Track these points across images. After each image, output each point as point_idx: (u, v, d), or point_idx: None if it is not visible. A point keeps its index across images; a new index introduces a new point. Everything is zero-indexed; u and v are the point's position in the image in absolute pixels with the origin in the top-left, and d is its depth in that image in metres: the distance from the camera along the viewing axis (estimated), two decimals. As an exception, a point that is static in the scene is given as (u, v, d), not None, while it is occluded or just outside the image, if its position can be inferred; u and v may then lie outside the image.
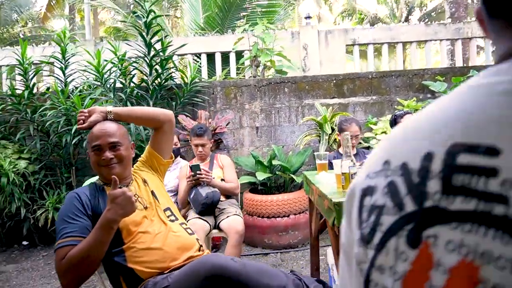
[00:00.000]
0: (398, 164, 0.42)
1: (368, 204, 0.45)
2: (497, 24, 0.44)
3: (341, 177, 1.59)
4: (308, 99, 4.32)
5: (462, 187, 0.36)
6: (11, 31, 14.70)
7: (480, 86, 0.40)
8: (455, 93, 0.43)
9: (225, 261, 1.27)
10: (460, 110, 0.40)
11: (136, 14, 3.75)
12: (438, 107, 0.44)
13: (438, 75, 4.18)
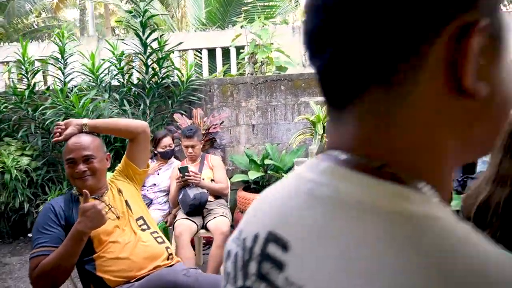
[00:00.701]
0: (243, 237, 0.46)
1: (224, 268, 0.49)
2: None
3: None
4: (305, 97, 4.32)
5: (266, 275, 0.39)
6: (25, 21, 14.95)
7: (299, 178, 0.42)
8: (289, 177, 0.46)
9: (177, 277, 1.34)
10: (280, 198, 0.43)
11: (132, 14, 3.80)
12: (279, 187, 0.47)
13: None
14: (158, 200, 3.21)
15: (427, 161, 0.36)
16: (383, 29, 0.33)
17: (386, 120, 0.35)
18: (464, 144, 0.37)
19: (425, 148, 0.35)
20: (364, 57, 0.35)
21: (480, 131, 0.37)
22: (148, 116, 4.05)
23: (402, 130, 0.35)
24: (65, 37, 3.83)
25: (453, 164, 0.39)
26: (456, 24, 0.32)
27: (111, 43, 4.01)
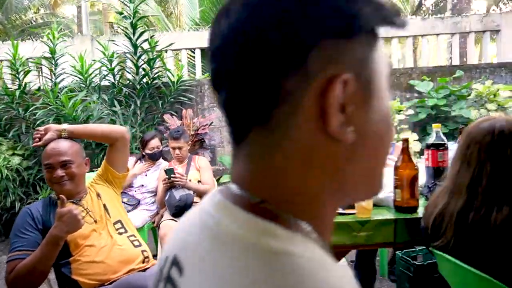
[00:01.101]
0: (162, 257, 0.50)
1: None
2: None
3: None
4: (294, 98, 4.33)
5: None
6: (24, 17, 14.93)
7: (201, 207, 0.46)
8: (198, 204, 0.50)
9: (146, 283, 1.38)
10: (188, 225, 0.46)
11: (123, 15, 3.82)
12: (191, 213, 0.50)
13: (424, 75, 4.14)
14: (146, 200, 3.24)
15: (303, 200, 0.39)
16: (258, 78, 0.36)
17: (266, 161, 0.39)
18: (340, 185, 0.40)
19: (300, 188, 0.39)
20: (245, 102, 0.38)
21: (354, 173, 0.40)
22: (138, 116, 4.08)
23: (280, 171, 0.38)
24: (55, 37, 3.85)
25: (334, 204, 0.42)
26: (322, 77, 0.35)
27: (103, 44, 4.04)
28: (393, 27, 0.42)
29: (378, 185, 0.44)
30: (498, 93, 3.55)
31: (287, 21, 0.35)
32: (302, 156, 0.38)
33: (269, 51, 0.35)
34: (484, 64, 4.27)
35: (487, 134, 1.13)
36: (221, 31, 0.39)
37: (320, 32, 0.35)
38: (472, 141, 1.16)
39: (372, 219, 1.46)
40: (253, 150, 0.40)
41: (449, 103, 3.86)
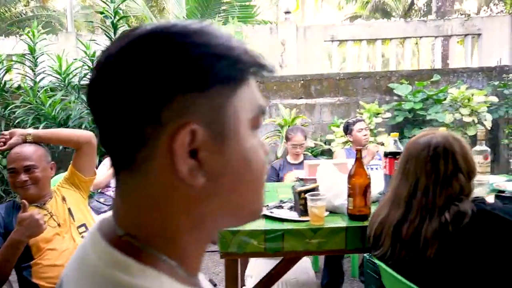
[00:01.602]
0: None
1: None
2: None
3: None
4: (276, 99, 4.39)
5: None
6: (13, 10, 14.72)
7: (85, 238, 0.50)
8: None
9: None
10: (76, 252, 0.50)
11: (104, 15, 3.81)
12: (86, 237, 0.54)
13: (403, 79, 4.20)
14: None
15: (165, 237, 0.43)
16: (121, 125, 0.40)
17: (131, 199, 0.43)
18: (198, 223, 0.44)
19: (161, 226, 0.42)
20: (113, 145, 0.42)
21: (212, 210, 0.44)
22: (120, 115, 4.08)
23: (142, 209, 0.42)
24: (35, 36, 3.84)
25: (198, 240, 0.46)
26: (172, 127, 0.39)
27: (85, 43, 4.03)
28: (255, 76, 0.46)
29: (250, 213, 0.48)
30: (472, 98, 3.61)
31: (143, 80, 0.39)
32: (159, 197, 0.41)
33: (129, 104, 0.39)
34: (461, 69, 4.34)
35: (423, 149, 1.18)
36: (92, 79, 0.42)
37: (173, 88, 0.39)
38: (410, 155, 1.21)
39: (324, 226, 1.50)
40: (123, 187, 0.44)
41: (425, 106, 3.93)
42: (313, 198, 1.52)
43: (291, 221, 1.57)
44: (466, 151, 1.19)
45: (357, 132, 3.15)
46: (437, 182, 1.14)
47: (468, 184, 1.17)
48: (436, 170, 1.14)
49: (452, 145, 1.17)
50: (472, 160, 1.20)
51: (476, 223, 1.07)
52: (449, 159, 1.15)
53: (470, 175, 1.17)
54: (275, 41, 5.55)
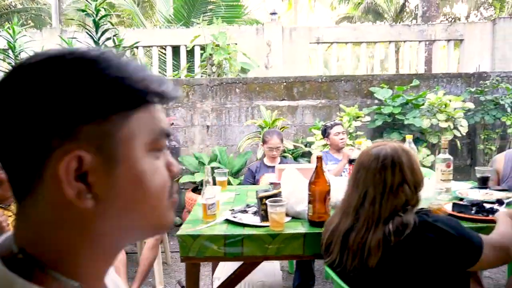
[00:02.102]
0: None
1: None
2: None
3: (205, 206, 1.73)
4: (259, 101, 4.41)
5: None
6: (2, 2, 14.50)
7: None
8: None
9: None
10: None
11: (86, 13, 3.79)
12: None
13: (383, 83, 4.25)
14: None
15: (59, 254, 0.45)
16: (13, 150, 0.43)
17: (28, 216, 0.45)
18: (94, 242, 0.46)
19: (56, 246, 0.45)
20: (9, 167, 0.44)
21: (106, 230, 0.46)
22: (101, 114, 4.07)
23: (37, 227, 0.45)
24: (15, 32, 3.81)
25: (95, 257, 0.48)
26: (58, 153, 0.41)
27: (66, 40, 4.01)
28: (155, 101, 0.48)
29: (154, 228, 0.51)
30: (449, 104, 3.68)
31: (33, 108, 0.41)
32: (52, 216, 0.44)
33: (20, 132, 0.42)
34: (441, 74, 4.41)
35: (373, 160, 1.21)
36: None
37: (62, 117, 0.41)
38: (361, 166, 1.24)
39: (283, 232, 1.53)
40: (21, 206, 0.46)
41: (404, 111, 3.98)
42: (272, 204, 1.55)
43: (251, 226, 1.60)
44: (414, 163, 1.22)
45: (334, 136, 3.19)
46: (384, 193, 1.17)
47: (414, 196, 1.20)
48: (383, 181, 1.18)
49: (400, 157, 1.20)
50: (419, 172, 1.23)
51: (417, 234, 1.10)
52: (396, 171, 1.18)
53: (416, 186, 1.21)
54: (261, 42, 5.57)
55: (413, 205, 1.20)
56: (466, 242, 1.12)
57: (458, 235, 1.11)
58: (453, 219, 1.19)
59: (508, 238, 1.25)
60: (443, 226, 1.11)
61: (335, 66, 6.51)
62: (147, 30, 5.64)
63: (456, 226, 1.14)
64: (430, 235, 1.10)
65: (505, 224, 1.35)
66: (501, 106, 3.82)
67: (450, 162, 1.97)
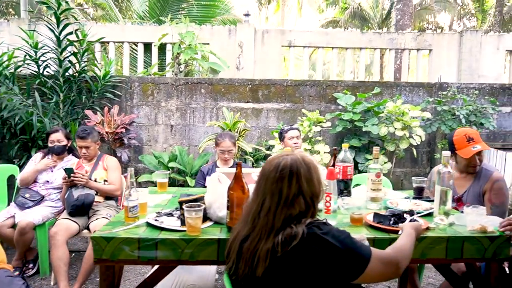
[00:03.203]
0: None
1: None
2: None
3: (126, 208, 1.72)
4: (223, 102, 4.41)
5: None
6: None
7: None
8: None
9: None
10: None
11: (47, 5, 3.73)
12: None
13: (347, 89, 4.30)
14: (51, 197, 3.21)
15: None
16: None
17: None
18: None
19: None
20: None
21: None
22: (61, 109, 4.02)
23: None
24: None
25: None
26: None
27: (27, 32, 3.93)
28: None
29: None
30: (407, 112, 3.74)
31: None
32: None
33: None
34: (404, 83, 4.48)
35: (273, 170, 1.22)
36: None
37: None
38: (263, 175, 1.25)
39: (198, 237, 1.54)
40: None
41: (366, 118, 4.04)
42: (188, 209, 1.55)
43: (168, 230, 1.60)
44: (313, 174, 1.23)
45: (288, 140, 3.21)
46: (279, 203, 1.18)
47: (311, 207, 1.21)
48: (279, 191, 1.19)
49: (298, 168, 1.21)
50: (317, 184, 1.24)
51: (303, 246, 1.11)
52: (293, 182, 1.19)
53: (313, 198, 1.22)
54: (233, 43, 5.57)
55: (310, 216, 1.22)
56: (351, 255, 1.14)
57: (343, 248, 1.13)
58: (344, 232, 1.20)
59: (402, 253, 1.28)
60: (330, 239, 1.13)
61: (320, 70, 6.50)
62: (118, 26, 5.58)
63: (343, 239, 1.15)
64: (316, 248, 1.11)
65: (405, 238, 1.38)
66: (457, 116, 3.91)
67: (380, 172, 2.01)
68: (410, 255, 1.32)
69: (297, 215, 1.19)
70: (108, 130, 3.83)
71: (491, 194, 2.25)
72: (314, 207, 1.23)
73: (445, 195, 1.76)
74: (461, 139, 2.26)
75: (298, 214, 1.19)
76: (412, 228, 1.46)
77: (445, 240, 1.59)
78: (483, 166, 2.33)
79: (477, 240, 1.60)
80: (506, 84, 4.49)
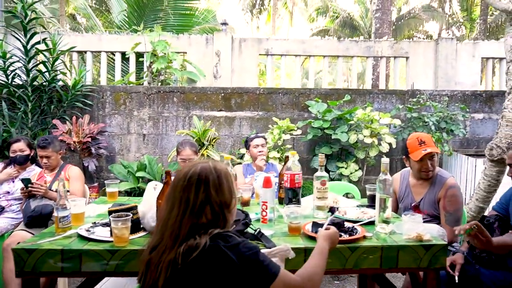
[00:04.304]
0: None
1: None
2: None
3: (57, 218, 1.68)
4: (196, 110, 4.39)
5: None
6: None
7: None
8: None
9: None
10: None
11: (13, 14, 3.72)
12: None
13: (318, 97, 4.30)
14: (12, 208, 3.16)
15: None
16: None
17: None
18: None
19: None
20: None
21: None
22: (30, 119, 3.98)
23: None
24: None
25: None
26: None
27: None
28: None
29: None
30: (376, 119, 3.74)
31: None
32: None
33: None
34: (377, 90, 4.49)
35: (182, 178, 1.19)
36: None
37: None
38: (173, 183, 1.22)
39: (124, 248, 1.50)
40: None
41: (338, 125, 4.03)
42: (114, 219, 1.51)
43: (96, 241, 1.56)
44: (222, 183, 1.19)
45: (253, 148, 3.19)
46: (185, 212, 1.15)
47: (221, 217, 1.18)
48: (186, 200, 1.16)
49: (207, 176, 1.18)
50: (227, 192, 1.21)
51: (202, 258, 1.07)
52: (200, 191, 1.16)
53: (222, 207, 1.18)
54: (211, 51, 5.58)
55: (222, 226, 1.18)
56: (254, 271, 1.09)
57: (243, 263, 1.08)
58: (254, 247, 1.15)
59: (311, 282, 1.18)
60: (230, 253, 1.08)
61: (312, 79, 6.46)
62: (96, 35, 5.58)
63: (248, 255, 1.10)
64: (214, 261, 1.07)
65: (317, 258, 1.29)
66: (427, 123, 3.90)
67: (325, 180, 1.98)
68: (320, 279, 1.27)
69: (205, 225, 1.15)
70: (76, 140, 3.79)
71: (445, 201, 2.22)
72: (225, 217, 1.20)
73: (384, 202, 1.73)
74: (413, 142, 2.25)
75: (206, 223, 1.15)
76: (325, 239, 1.39)
77: (380, 249, 1.56)
78: (438, 173, 2.31)
79: (412, 249, 1.57)
80: (478, 91, 4.51)
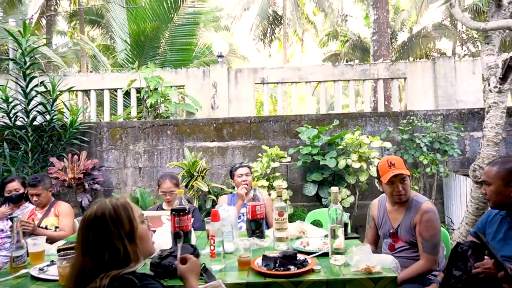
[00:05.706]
0: None
1: None
2: None
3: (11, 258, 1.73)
4: (189, 142, 4.47)
5: None
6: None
7: None
8: None
9: None
10: None
11: (14, 61, 3.98)
12: None
13: (309, 123, 4.30)
14: (5, 246, 3.26)
15: None
16: None
17: None
18: None
19: None
20: None
21: None
22: (30, 158, 4.17)
23: None
24: None
25: None
26: None
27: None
28: None
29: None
30: (365, 143, 3.68)
31: None
32: None
33: None
34: (368, 113, 4.45)
35: (81, 220, 1.20)
36: None
37: None
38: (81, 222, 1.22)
39: None
40: None
41: (328, 151, 3.99)
42: (60, 258, 1.54)
43: (43, 280, 1.58)
44: (119, 214, 1.18)
45: (237, 178, 3.20)
46: (87, 253, 1.15)
47: (122, 251, 1.16)
48: (86, 240, 1.15)
49: (103, 212, 1.17)
50: (127, 222, 1.18)
51: None
52: (98, 228, 1.16)
53: (124, 240, 1.16)
54: (208, 83, 5.73)
55: (127, 263, 1.16)
56: None
57: None
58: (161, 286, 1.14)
59: None
60: None
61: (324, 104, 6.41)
62: (98, 75, 5.86)
63: None
64: None
65: None
66: (419, 145, 3.81)
67: (283, 210, 1.95)
68: None
69: (108, 264, 1.13)
70: (71, 176, 3.92)
71: (421, 227, 2.14)
72: (128, 251, 1.17)
73: (334, 232, 1.69)
74: (383, 165, 2.19)
75: (109, 261, 1.13)
76: (191, 276, 1.33)
77: (324, 283, 1.51)
78: (413, 197, 2.24)
79: (359, 282, 1.51)
80: (476, 109, 4.39)
